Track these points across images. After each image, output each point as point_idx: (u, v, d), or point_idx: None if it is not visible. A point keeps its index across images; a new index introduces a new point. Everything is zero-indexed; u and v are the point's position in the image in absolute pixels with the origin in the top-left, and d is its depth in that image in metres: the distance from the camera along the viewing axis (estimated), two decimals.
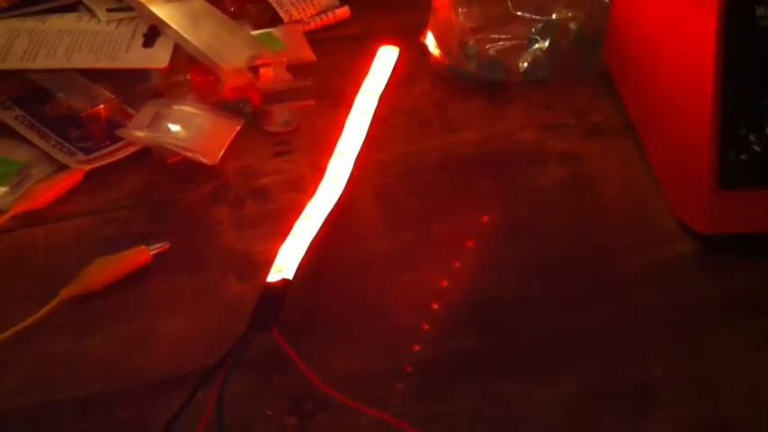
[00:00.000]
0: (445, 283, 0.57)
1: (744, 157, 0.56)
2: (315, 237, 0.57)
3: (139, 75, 0.72)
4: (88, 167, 0.65)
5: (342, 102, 0.70)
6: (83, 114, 0.67)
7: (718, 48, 0.55)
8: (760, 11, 0.54)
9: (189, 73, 0.72)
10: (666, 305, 0.56)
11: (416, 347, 0.53)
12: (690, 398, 0.50)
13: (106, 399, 0.50)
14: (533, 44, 0.74)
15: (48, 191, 0.63)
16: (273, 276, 0.54)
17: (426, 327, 0.54)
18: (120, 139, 0.67)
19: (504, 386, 0.51)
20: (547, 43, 0.73)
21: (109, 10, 0.77)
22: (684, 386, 0.51)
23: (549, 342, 0.53)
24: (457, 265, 0.58)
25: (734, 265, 0.57)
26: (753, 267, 0.57)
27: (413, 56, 0.77)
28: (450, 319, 0.54)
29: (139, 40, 0.74)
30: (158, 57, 0.73)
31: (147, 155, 0.67)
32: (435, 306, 0.55)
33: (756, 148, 0.56)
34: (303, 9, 0.81)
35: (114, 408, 0.50)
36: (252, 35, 0.77)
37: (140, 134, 0.67)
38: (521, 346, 0.53)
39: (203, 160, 0.66)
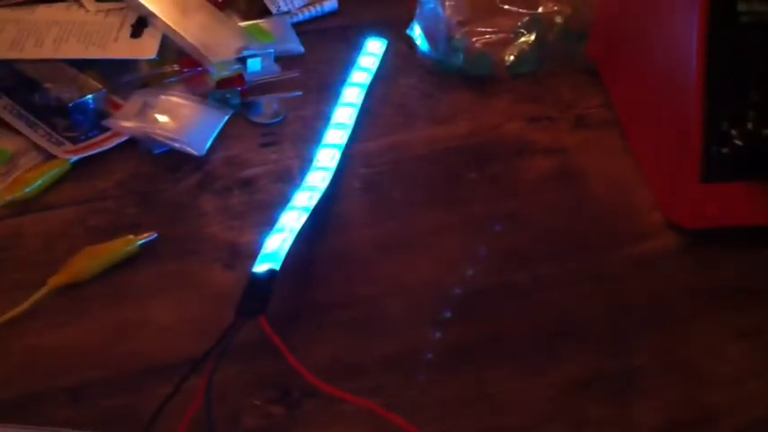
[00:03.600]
0: (431, 274, 0.57)
1: (726, 151, 0.56)
2: (302, 227, 0.57)
3: (127, 65, 0.72)
4: (76, 157, 0.65)
5: (329, 93, 0.71)
6: (70, 104, 0.67)
7: (701, 43, 0.55)
8: (741, 6, 0.55)
9: (177, 64, 0.72)
10: (651, 296, 0.56)
11: (403, 337, 0.53)
12: (674, 387, 0.51)
13: (94, 387, 0.50)
14: (520, 38, 0.74)
15: (35, 180, 0.63)
16: (260, 266, 0.54)
17: (413, 316, 0.54)
18: (108, 129, 0.67)
19: (491, 375, 0.51)
20: (533, 37, 0.74)
21: (97, 0, 0.77)
22: (669, 375, 0.51)
23: (536, 332, 0.54)
24: (443, 255, 0.58)
25: (718, 258, 0.58)
26: (736, 259, 0.58)
27: (400, 48, 0.77)
28: (436, 309, 0.55)
29: (127, 30, 0.74)
30: (146, 47, 0.73)
31: (135, 145, 0.67)
32: (422, 296, 0.56)
33: (738, 142, 0.56)
34: (291, 1, 0.81)
35: (102, 395, 0.50)
36: (240, 27, 0.77)
37: (128, 124, 0.67)
38: (507, 337, 0.54)
39: (191, 151, 0.66)
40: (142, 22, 0.75)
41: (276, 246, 0.56)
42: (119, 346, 0.53)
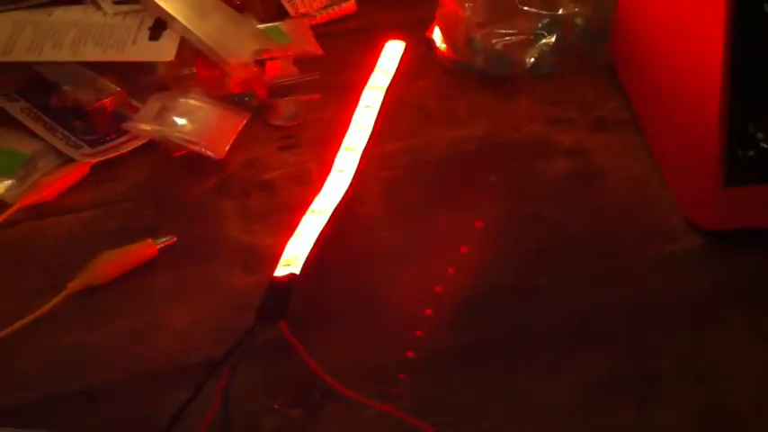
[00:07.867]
0: (451, 276, 0.57)
1: (751, 153, 0.56)
2: (322, 230, 0.57)
3: (145, 67, 0.72)
4: (94, 161, 0.65)
5: (348, 96, 0.70)
6: (89, 107, 0.67)
7: (726, 43, 0.54)
8: None
9: (195, 66, 0.72)
10: (672, 298, 0.56)
11: (423, 340, 0.53)
12: (696, 390, 0.50)
13: (112, 390, 0.50)
14: (540, 39, 0.74)
15: (54, 183, 0.63)
16: (281, 271, 0.54)
17: (433, 319, 0.54)
18: (126, 132, 0.67)
19: (509, 378, 0.51)
20: (553, 38, 0.73)
21: (115, 2, 0.76)
22: (690, 378, 0.51)
23: (555, 334, 0.53)
24: (463, 257, 0.58)
25: (739, 260, 0.57)
26: (758, 262, 0.57)
27: (419, 50, 0.77)
28: (456, 312, 0.54)
29: (145, 32, 0.74)
30: (164, 50, 0.72)
31: (153, 148, 0.67)
32: (442, 298, 0.55)
33: (764, 144, 0.56)
34: (309, 3, 0.81)
35: (120, 399, 0.50)
36: (258, 29, 0.77)
37: (146, 127, 0.67)
38: (526, 339, 0.53)
39: (209, 154, 0.66)
40: (160, 25, 0.74)
41: (296, 250, 0.55)
42: (137, 350, 0.53)
